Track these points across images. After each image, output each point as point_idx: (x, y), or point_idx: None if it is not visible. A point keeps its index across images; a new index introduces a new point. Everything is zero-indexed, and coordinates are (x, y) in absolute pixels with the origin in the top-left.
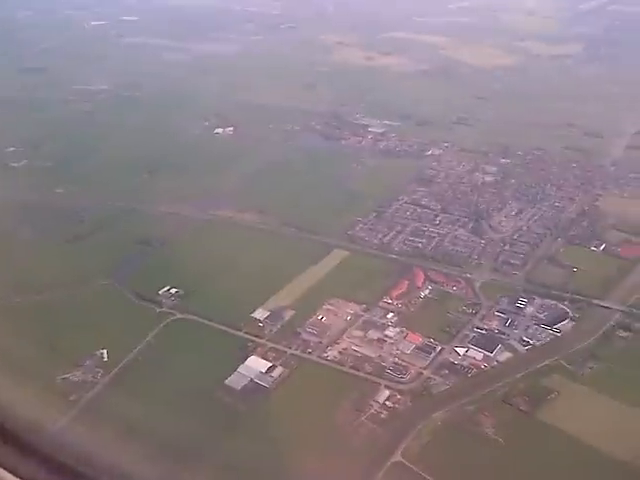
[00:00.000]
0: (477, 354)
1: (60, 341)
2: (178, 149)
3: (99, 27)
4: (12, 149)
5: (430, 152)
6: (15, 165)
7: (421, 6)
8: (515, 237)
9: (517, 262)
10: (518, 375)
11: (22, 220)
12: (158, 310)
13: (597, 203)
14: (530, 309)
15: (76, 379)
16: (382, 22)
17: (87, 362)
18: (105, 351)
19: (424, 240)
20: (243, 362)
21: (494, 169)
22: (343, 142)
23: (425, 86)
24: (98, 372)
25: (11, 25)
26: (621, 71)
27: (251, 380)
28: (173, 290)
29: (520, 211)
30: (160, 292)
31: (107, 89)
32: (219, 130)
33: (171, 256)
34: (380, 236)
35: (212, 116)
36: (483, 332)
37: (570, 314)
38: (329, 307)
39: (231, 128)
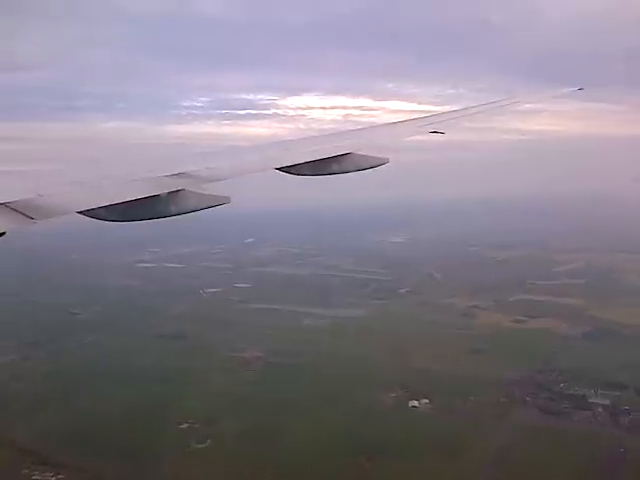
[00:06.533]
0: None
1: None
2: (381, 426)
3: (215, 293)
4: (186, 425)
5: None
6: (200, 447)
7: (529, 271)
8: None
9: None
10: None
11: None
12: None
13: None
14: None
15: None
16: (507, 283)
17: None
18: None
19: None
20: None
21: None
22: (575, 419)
23: (602, 350)
24: None
25: (130, 294)
26: None
27: None
28: None
29: None
30: None
31: (261, 356)
32: (415, 403)
33: None
34: None
35: (395, 386)
36: None
37: None
38: None
39: (427, 400)
